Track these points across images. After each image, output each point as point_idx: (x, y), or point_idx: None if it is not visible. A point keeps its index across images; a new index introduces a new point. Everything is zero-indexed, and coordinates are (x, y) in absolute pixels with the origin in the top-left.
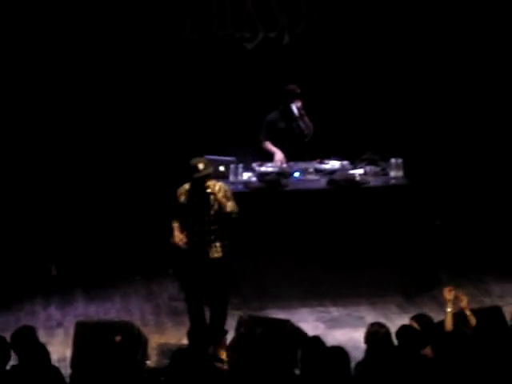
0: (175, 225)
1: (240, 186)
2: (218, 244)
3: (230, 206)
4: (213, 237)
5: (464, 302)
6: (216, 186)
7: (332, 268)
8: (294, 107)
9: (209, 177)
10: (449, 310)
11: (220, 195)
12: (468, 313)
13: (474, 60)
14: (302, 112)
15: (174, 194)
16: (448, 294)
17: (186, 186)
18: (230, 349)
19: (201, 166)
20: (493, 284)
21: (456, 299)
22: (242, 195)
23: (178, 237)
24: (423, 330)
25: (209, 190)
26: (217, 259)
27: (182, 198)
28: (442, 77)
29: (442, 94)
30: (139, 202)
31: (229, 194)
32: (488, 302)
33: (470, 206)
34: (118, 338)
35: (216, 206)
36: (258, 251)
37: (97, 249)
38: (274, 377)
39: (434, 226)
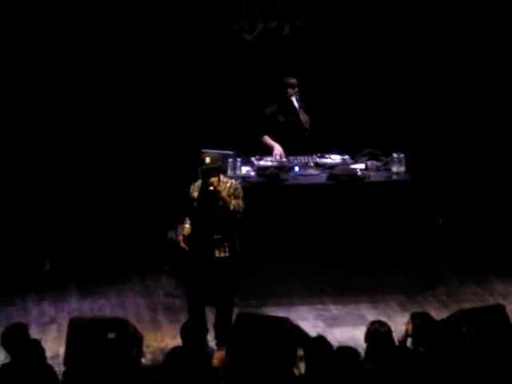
0: (186, 224)
1: (238, 181)
2: (225, 243)
3: (233, 204)
4: (220, 235)
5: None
6: (227, 183)
7: (332, 265)
8: (295, 100)
9: (214, 172)
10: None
11: (225, 192)
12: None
13: (475, 53)
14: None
15: (172, 188)
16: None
17: (199, 181)
18: (227, 347)
19: (207, 159)
20: (496, 283)
21: None
22: None
23: (183, 236)
24: (421, 329)
25: (211, 188)
26: (222, 259)
27: (194, 193)
28: (445, 71)
29: (445, 88)
30: (135, 197)
31: (237, 192)
32: (491, 300)
33: (473, 203)
34: (111, 335)
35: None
36: (256, 247)
37: (91, 244)
38: (272, 376)
39: (436, 223)
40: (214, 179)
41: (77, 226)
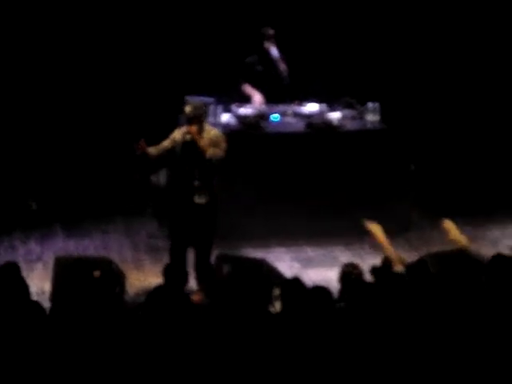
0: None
1: (218, 128)
2: (204, 190)
3: (210, 152)
4: (200, 182)
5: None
6: (211, 132)
7: (308, 209)
8: (274, 50)
9: (194, 120)
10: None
11: (205, 141)
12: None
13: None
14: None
15: (155, 133)
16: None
17: (184, 128)
18: (208, 286)
19: (187, 108)
20: (466, 227)
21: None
22: None
23: (143, 147)
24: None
25: (187, 136)
26: (202, 205)
27: (177, 136)
28: (423, 23)
29: (418, 38)
30: (121, 140)
31: (218, 140)
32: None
33: (446, 150)
34: (96, 273)
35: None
36: (235, 192)
37: (77, 186)
38: (249, 313)
39: (408, 170)
40: (192, 128)
41: (63, 168)
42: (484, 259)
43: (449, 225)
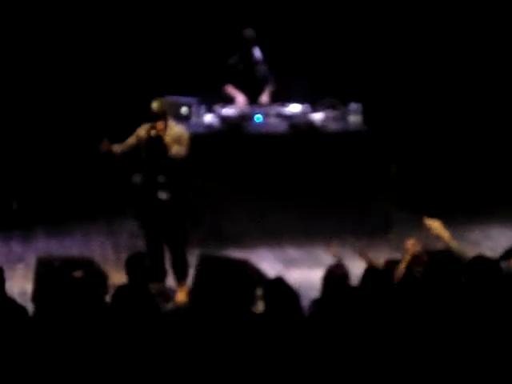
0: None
1: (201, 128)
2: (169, 186)
3: (175, 149)
4: (164, 179)
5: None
6: (174, 129)
7: (290, 209)
8: (256, 51)
9: (159, 117)
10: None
11: (168, 138)
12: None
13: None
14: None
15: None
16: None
17: (148, 124)
18: (190, 289)
19: (154, 105)
20: (446, 227)
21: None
22: (203, 137)
23: (107, 145)
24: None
25: (153, 132)
26: (165, 202)
27: (141, 132)
28: (403, 24)
29: (401, 39)
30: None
31: (182, 138)
32: (441, 244)
33: (427, 151)
34: (78, 274)
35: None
36: (218, 192)
37: (59, 185)
38: (232, 314)
39: (389, 171)
40: (159, 124)
41: (44, 168)
42: (467, 259)
43: (431, 220)
